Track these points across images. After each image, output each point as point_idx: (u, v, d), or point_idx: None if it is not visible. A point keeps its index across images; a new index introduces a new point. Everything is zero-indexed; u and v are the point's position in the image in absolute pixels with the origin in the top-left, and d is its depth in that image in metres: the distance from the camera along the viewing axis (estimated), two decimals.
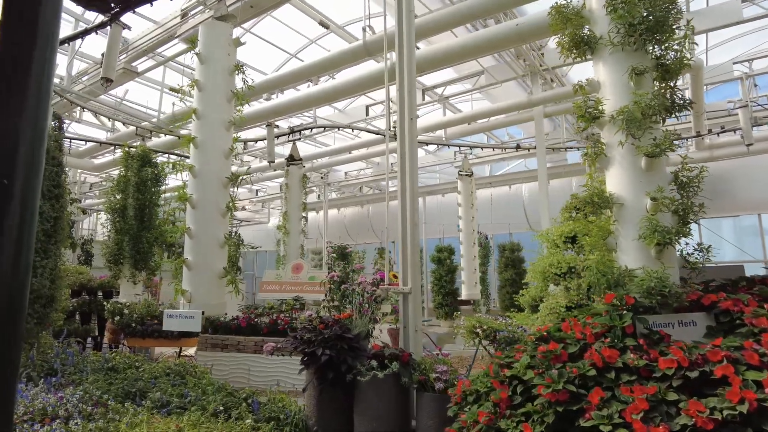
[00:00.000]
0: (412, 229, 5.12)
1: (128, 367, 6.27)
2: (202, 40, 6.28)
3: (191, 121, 6.16)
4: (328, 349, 4.44)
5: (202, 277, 5.67)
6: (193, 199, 5.79)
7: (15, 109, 1.04)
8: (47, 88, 1.10)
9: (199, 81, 6.21)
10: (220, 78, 6.17)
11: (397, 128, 5.43)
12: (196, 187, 5.86)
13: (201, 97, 6.17)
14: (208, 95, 6.13)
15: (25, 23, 1.06)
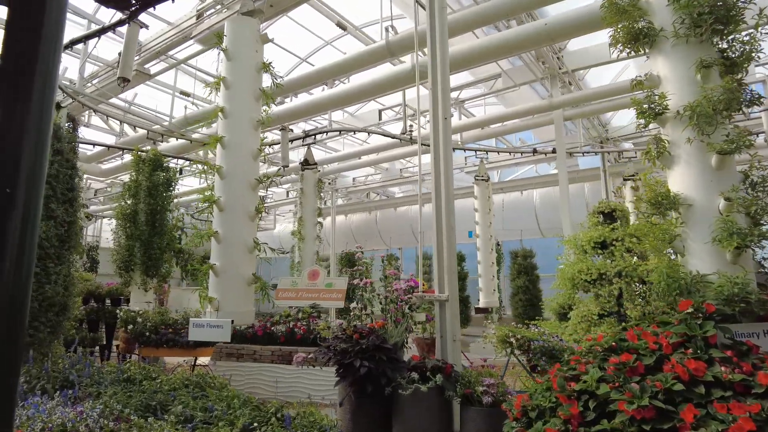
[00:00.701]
0: (449, 233, 4.88)
1: (144, 378, 5.99)
2: (229, 36, 6.04)
3: (212, 122, 5.93)
4: (366, 361, 4.18)
5: (231, 284, 5.38)
6: (221, 202, 5.52)
7: (19, 117, 1.01)
8: (51, 94, 1.08)
9: (226, 78, 5.97)
10: (248, 75, 5.93)
11: (430, 128, 5.20)
12: (223, 189, 5.58)
13: (228, 95, 5.93)
14: (235, 93, 5.89)
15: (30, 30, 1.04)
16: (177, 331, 7.32)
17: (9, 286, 0.98)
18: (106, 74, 9.63)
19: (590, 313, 6.98)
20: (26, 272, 1.02)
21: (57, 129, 6.35)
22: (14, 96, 1.03)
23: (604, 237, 7.52)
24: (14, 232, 1.00)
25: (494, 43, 7.08)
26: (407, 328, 4.79)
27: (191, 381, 6.01)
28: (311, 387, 7.72)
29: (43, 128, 1.07)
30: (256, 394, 7.24)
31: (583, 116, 11.36)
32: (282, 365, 7.94)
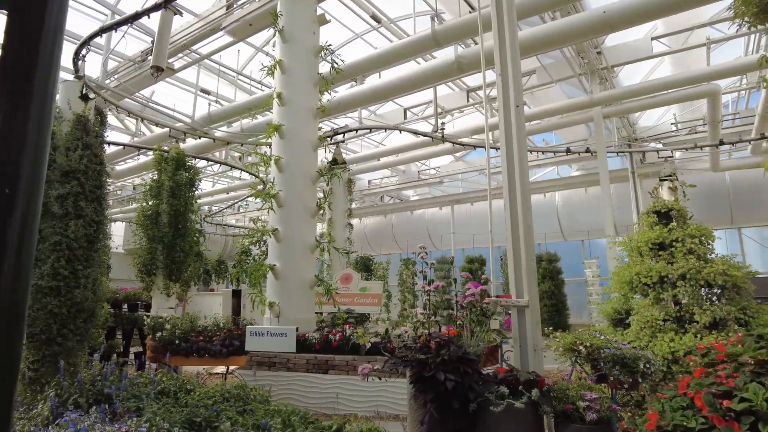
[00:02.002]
0: (527, 232, 4.45)
1: (179, 390, 5.53)
2: (285, 16, 5.55)
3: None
4: (450, 374, 3.73)
5: (292, 287, 4.86)
6: (280, 197, 5.04)
7: (20, 115, 1.01)
8: (51, 91, 1.07)
9: (282, 61, 5.50)
10: (305, 59, 5.46)
11: (500, 117, 4.78)
12: (282, 182, 5.09)
13: (285, 80, 5.45)
14: (292, 78, 5.42)
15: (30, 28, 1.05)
16: (208, 339, 6.86)
17: (8, 291, 0.96)
18: (126, 70, 9.22)
19: (654, 318, 6.55)
20: (25, 276, 0.99)
21: (85, 122, 5.93)
22: (14, 94, 1.01)
23: (662, 238, 7.10)
24: (13, 236, 0.97)
25: (551, 33, 6.65)
26: (484, 337, 4.34)
27: (231, 393, 5.55)
28: (350, 398, 7.26)
29: (44, 127, 1.03)
30: (290, 404, 6.77)
31: (621, 114, 10.98)
32: (317, 374, 7.48)
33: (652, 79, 9.62)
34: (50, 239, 5.41)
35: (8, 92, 1.01)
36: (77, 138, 5.79)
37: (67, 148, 5.69)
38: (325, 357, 7.51)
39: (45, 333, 5.24)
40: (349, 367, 7.46)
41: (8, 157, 0.98)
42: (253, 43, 10.40)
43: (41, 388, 5.16)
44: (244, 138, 9.85)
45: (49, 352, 5.27)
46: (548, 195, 16.26)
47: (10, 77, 1.02)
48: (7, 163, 0.98)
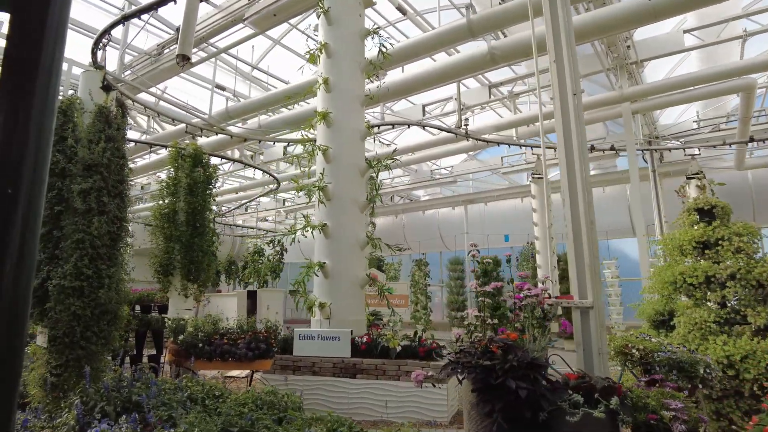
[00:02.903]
0: (589, 228, 4.15)
1: (206, 396, 5.22)
2: None
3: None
4: (520, 381, 3.43)
5: (342, 287, 4.52)
6: (329, 190, 4.71)
7: (22, 114, 1.00)
8: (54, 89, 1.06)
9: (328, 45, 5.16)
10: (351, 42, 5.13)
11: (556, 106, 4.49)
12: (329, 174, 4.74)
13: (331, 65, 5.12)
14: (339, 62, 5.09)
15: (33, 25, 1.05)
16: (232, 342, 6.56)
17: (9, 292, 0.95)
18: (141, 64, 8.93)
19: (702, 320, 6.25)
20: (26, 276, 0.98)
21: (107, 113, 5.63)
22: (15, 94, 1.00)
23: (706, 236, 6.80)
24: (16, 237, 0.96)
25: (590, 22, 6.34)
26: (549, 340, 4.05)
27: (263, 400, 5.25)
28: (380, 403, 6.97)
29: (46, 126, 1.03)
30: (316, 410, 6.49)
31: (650, 110, 10.70)
32: (345, 378, 7.19)
33: (683, 74, 9.34)
34: (73, 236, 5.11)
35: (9, 92, 1.00)
36: (99, 130, 5.49)
37: (89, 140, 5.39)
38: (353, 360, 7.21)
39: (68, 336, 4.93)
40: (378, 372, 7.17)
41: (9, 158, 0.98)
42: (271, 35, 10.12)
43: (64, 395, 4.85)
44: (262, 134, 9.55)
45: (73, 356, 4.96)
46: None
47: (11, 77, 1.01)
48: (8, 164, 0.97)
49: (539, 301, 4.10)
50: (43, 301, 5.04)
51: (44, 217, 5.28)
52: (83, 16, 9.87)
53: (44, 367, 4.97)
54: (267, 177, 15.32)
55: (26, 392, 5.31)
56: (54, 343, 4.95)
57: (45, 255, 5.15)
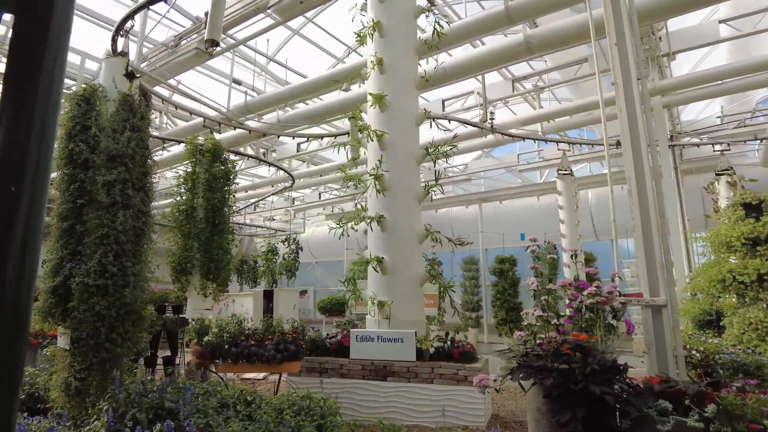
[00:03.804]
0: (660, 221, 3.85)
1: (237, 401, 4.91)
2: None
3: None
4: (602, 386, 3.12)
5: (401, 284, 4.17)
6: (385, 179, 4.37)
7: (26, 111, 1.01)
8: (58, 89, 1.06)
9: (380, 23, 4.84)
10: (405, 21, 4.79)
11: (618, 93, 4.19)
12: (385, 162, 4.41)
13: (384, 45, 4.77)
14: (392, 42, 4.75)
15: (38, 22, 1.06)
16: (259, 342, 6.26)
17: (11, 293, 0.95)
18: (158, 55, 8.63)
19: (758, 320, 5.95)
20: (29, 279, 0.98)
21: (132, 102, 5.32)
22: (20, 92, 1.02)
23: (756, 232, 6.51)
24: (18, 236, 0.97)
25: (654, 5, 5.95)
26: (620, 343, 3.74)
27: (300, 405, 4.94)
28: (412, 407, 6.65)
29: (49, 125, 1.04)
30: (346, 414, 6.19)
31: (681, 104, 10.40)
32: (374, 381, 6.87)
33: (717, 66, 9.04)
34: (96, 231, 4.80)
35: (12, 92, 1.01)
36: (124, 119, 5.19)
37: (113, 129, 5.08)
38: (383, 362, 6.90)
39: (92, 337, 4.62)
40: (410, 374, 6.85)
41: (12, 156, 0.98)
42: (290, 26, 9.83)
43: (91, 401, 4.54)
44: (281, 129, 9.24)
45: (97, 359, 4.64)
46: (581, 192, 15.67)
47: (14, 76, 1.02)
48: (11, 162, 0.98)
49: (606, 300, 3.79)
50: (66, 300, 4.73)
51: (66, 210, 4.97)
52: (98, 6, 9.58)
53: (67, 371, 4.66)
54: (279, 175, 15.03)
55: (46, 396, 5.00)
56: (77, 344, 4.64)
57: (67, 251, 4.84)
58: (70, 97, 5.18)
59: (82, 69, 9.38)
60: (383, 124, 4.37)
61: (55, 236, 4.95)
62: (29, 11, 1.06)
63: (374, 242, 4.29)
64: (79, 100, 5.13)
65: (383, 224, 4.07)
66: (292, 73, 10.73)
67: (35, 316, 4.87)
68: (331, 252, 21.93)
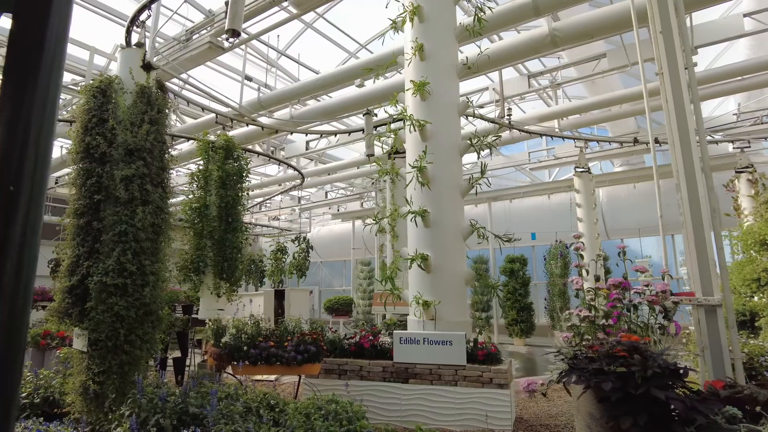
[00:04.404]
0: (712, 216, 3.66)
1: (260, 406, 4.72)
2: None
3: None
4: (664, 390, 2.93)
5: (446, 283, 3.93)
6: (428, 171, 4.14)
7: (25, 108, 1.01)
8: (56, 89, 1.06)
9: (421, 7, 4.61)
10: (445, 5, 4.57)
11: (664, 80, 3.99)
12: (428, 153, 4.18)
13: (424, 30, 4.52)
14: (433, 27, 4.51)
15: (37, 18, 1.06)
16: (279, 344, 6.06)
17: (9, 295, 0.95)
18: (169, 50, 8.44)
19: None
20: (27, 277, 0.97)
21: (149, 94, 5.13)
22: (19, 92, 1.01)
23: None
24: (17, 236, 0.96)
25: None
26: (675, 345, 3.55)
27: (328, 410, 4.75)
28: (435, 410, 6.46)
29: (47, 121, 1.04)
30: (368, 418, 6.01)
31: (704, 99, 10.19)
32: (396, 384, 6.68)
33: (742, 61, 8.86)
34: (114, 228, 4.60)
35: (11, 91, 1.02)
36: (141, 111, 4.99)
37: (131, 122, 4.89)
38: (405, 364, 6.72)
39: (111, 339, 4.42)
40: (433, 376, 6.66)
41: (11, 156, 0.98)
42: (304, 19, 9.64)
43: (110, 406, 4.33)
44: (293, 126, 9.04)
45: (116, 362, 4.44)
46: None
47: (13, 75, 1.02)
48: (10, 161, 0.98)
49: (656, 299, 3.59)
50: (83, 300, 4.53)
51: (82, 207, 4.77)
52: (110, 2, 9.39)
53: (84, 374, 4.46)
54: (287, 173, 14.83)
55: (62, 401, 4.80)
56: (95, 347, 4.44)
57: (84, 249, 4.64)
58: (86, 90, 4.98)
59: (91, 65, 9.17)
60: (424, 114, 4.14)
61: (71, 233, 4.74)
62: (27, 11, 1.05)
63: (416, 239, 4.06)
64: (95, 92, 4.93)
65: (427, 219, 3.85)
66: (305, 69, 10.55)
67: (52, 317, 4.67)
68: (337, 252, 21.74)
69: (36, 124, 1.00)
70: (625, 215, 15.15)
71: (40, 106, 1.01)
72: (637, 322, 3.63)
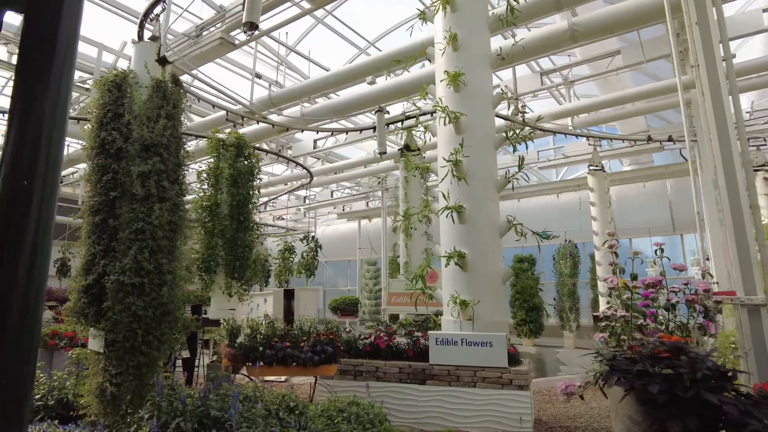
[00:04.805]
0: (754, 212, 3.53)
1: (280, 408, 4.59)
2: None
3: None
4: (714, 393, 2.81)
5: (483, 282, 3.78)
6: (463, 165, 4.00)
7: (38, 105, 1.01)
8: (68, 82, 1.06)
9: None
10: None
11: (700, 73, 3.87)
12: (465, 147, 4.03)
13: (457, 20, 4.37)
14: (465, 16, 4.36)
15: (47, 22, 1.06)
16: (294, 344, 5.95)
17: (22, 294, 0.94)
18: (179, 46, 8.32)
19: None
20: (39, 279, 0.97)
21: (165, 88, 5.01)
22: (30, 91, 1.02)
23: None
24: (30, 233, 0.97)
25: None
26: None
27: (350, 411, 4.64)
28: (454, 412, 6.34)
29: (59, 118, 1.04)
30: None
31: None
32: (413, 385, 6.57)
33: (759, 57, 8.73)
34: (131, 226, 4.48)
35: (23, 91, 1.02)
36: (158, 106, 4.88)
37: (147, 117, 4.77)
38: (422, 365, 6.60)
39: (128, 340, 4.30)
40: (451, 377, 6.55)
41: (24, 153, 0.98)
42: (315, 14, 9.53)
43: (128, 408, 4.22)
44: (305, 124, 8.92)
45: (133, 363, 4.32)
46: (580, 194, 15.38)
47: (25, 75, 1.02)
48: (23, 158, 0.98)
49: (696, 298, 3.47)
50: (99, 299, 4.41)
51: (98, 204, 4.65)
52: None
53: (101, 375, 4.34)
54: (293, 173, 14.71)
55: (76, 403, 4.68)
56: (112, 347, 4.32)
57: (100, 247, 4.52)
58: (100, 84, 4.86)
59: (99, 62, 9.06)
60: (458, 106, 4.00)
61: (86, 231, 4.62)
62: (38, 10, 1.05)
63: (451, 235, 3.92)
64: (110, 86, 4.82)
65: (463, 215, 3.72)
66: (315, 67, 10.43)
67: (67, 317, 4.55)
68: (342, 252, 21.62)
69: (48, 124, 1.00)
70: (634, 215, 15.02)
71: (52, 106, 1.01)
72: (676, 322, 3.51)
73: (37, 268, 0.96)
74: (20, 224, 0.95)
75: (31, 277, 0.95)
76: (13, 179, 0.96)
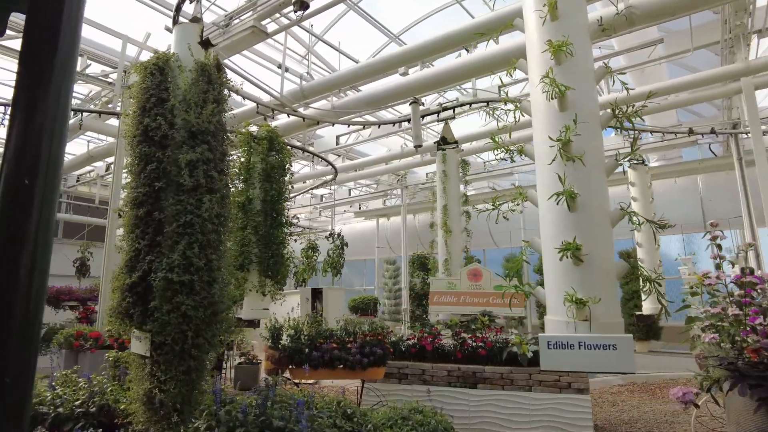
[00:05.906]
0: None
1: (335, 415, 4.25)
2: None
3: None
4: None
5: (596, 277, 3.37)
6: (571, 146, 3.60)
7: (40, 104, 1.01)
8: (68, 87, 1.06)
9: None
10: None
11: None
12: (564, 126, 3.64)
13: None
14: None
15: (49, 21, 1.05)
16: (342, 346, 5.61)
17: (24, 294, 0.94)
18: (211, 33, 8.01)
19: None
20: (40, 278, 0.96)
21: (210, 71, 4.67)
22: (32, 90, 1.01)
23: None
24: (32, 231, 0.96)
25: None
26: None
27: (416, 419, 4.29)
28: (508, 418, 5.99)
29: (60, 117, 1.04)
30: None
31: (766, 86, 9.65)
32: (463, 389, 6.23)
33: None
34: (179, 219, 4.13)
35: (26, 89, 1.01)
36: (203, 91, 4.54)
37: (194, 102, 4.44)
38: (472, 368, 6.26)
39: (178, 343, 3.95)
40: (504, 381, 6.20)
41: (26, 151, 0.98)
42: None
43: (179, 417, 3.88)
44: (336, 117, 8.58)
45: (183, 368, 3.97)
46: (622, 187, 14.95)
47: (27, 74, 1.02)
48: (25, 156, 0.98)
49: None
50: (145, 298, 4.07)
51: (142, 195, 4.31)
52: None
53: (148, 380, 4.00)
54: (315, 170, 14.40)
55: (118, 410, 4.36)
56: (161, 351, 3.97)
57: (144, 242, 4.17)
58: (142, 67, 4.53)
59: (123, 54, 8.76)
60: (560, 80, 3.63)
61: (128, 225, 4.28)
62: (40, 10, 1.06)
63: (555, 225, 3.54)
64: (153, 69, 4.47)
65: (572, 203, 3.34)
66: (344, 58, 10.10)
67: (110, 318, 4.22)
68: (360, 251, 21.28)
69: (49, 123, 0.99)
70: (665, 212, 14.60)
71: (54, 106, 1.00)
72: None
73: (38, 268, 0.95)
74: (21, 223, 0.93)
75: (32, 277, 0.93)
76: (15, 177, 0.94)
